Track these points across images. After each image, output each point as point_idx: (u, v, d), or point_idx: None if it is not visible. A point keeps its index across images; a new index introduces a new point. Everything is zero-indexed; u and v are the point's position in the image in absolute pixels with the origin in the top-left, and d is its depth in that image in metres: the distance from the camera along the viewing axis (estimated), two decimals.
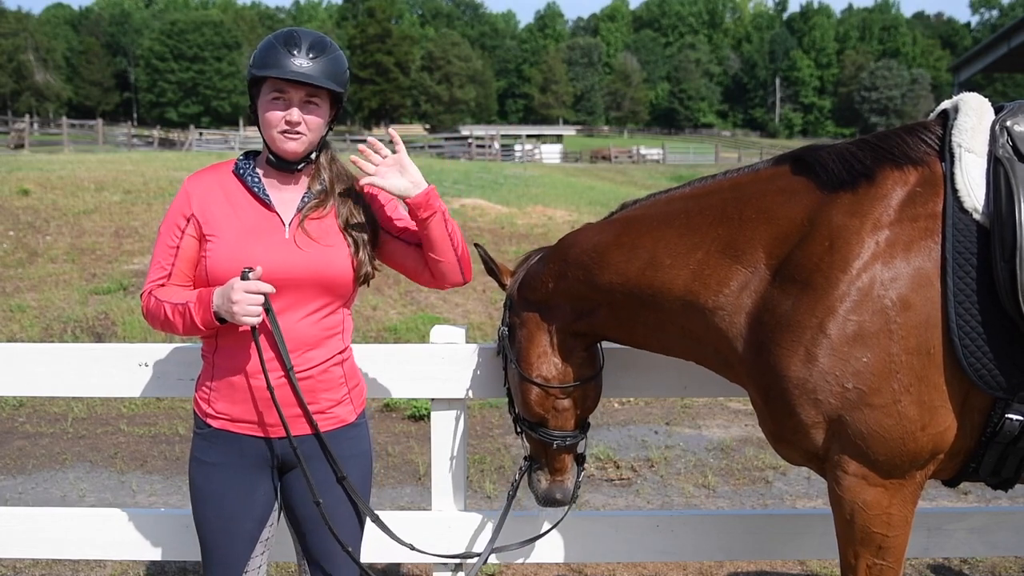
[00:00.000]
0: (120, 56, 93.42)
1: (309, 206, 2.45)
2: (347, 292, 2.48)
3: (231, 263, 2.35)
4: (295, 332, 2.40)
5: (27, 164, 19.87)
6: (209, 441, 2.47)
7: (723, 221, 2.44)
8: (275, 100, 2.37)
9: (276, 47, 2.35)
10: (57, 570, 4.08)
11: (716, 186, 2.56)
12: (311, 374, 2.44)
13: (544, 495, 2.82)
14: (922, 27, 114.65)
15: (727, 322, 2.41)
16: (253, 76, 2.38)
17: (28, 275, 10.45)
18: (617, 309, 2.61)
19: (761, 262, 2.37)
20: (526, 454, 2.93)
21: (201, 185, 2.46)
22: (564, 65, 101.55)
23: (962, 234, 2.19)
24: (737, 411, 6.72)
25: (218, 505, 2.46)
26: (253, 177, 2.46)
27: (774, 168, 2.51)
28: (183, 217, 2.42)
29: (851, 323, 2.20)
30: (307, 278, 2.39)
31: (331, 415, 2.50)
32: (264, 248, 2.37)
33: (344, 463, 2.50)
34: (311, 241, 2.41)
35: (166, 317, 2.39)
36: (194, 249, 2.42)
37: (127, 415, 6.59)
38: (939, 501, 4.96)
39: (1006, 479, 2.38)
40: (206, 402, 2.48)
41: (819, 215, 2.32)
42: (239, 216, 2.41)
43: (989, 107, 2.36)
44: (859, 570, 2.36)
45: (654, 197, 2.68)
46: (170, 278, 2.43)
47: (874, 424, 2.21)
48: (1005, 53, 26.14)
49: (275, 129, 2.37)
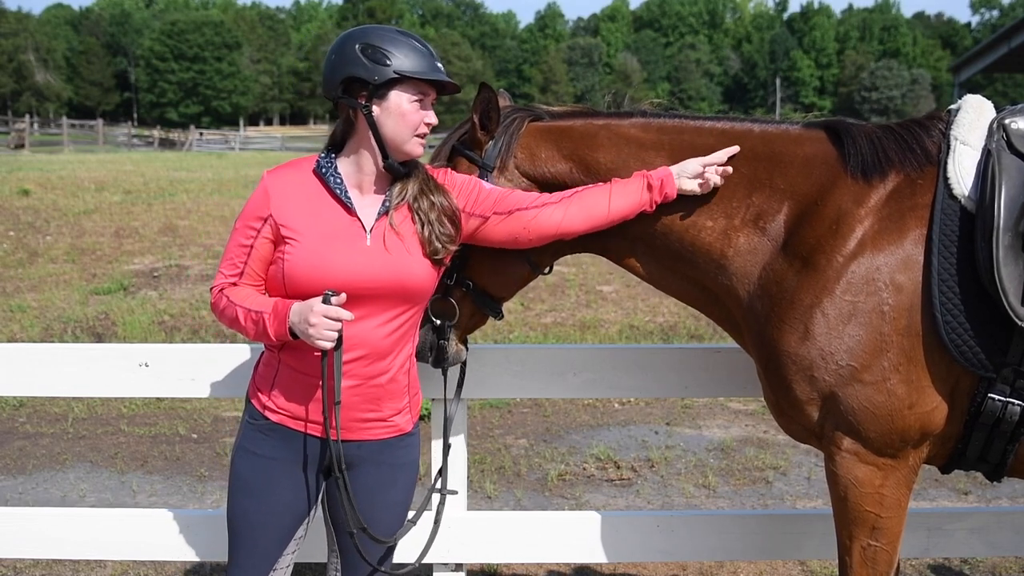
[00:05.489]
0: (120, 56, 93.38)
1: (394, 202, 2.38)
2: (426, 297, 2.45)
3: (310, 268, 2.30)
4: (370, 340, 2.35)
5: (27, 164, 19.88)
6: (264, 433, 2.44)
7: (756, 187, 2.52)
8: (417, 102, 2.32)
9: (420, 50, 2.31)
10: (57, 570, 4.08)
11: (746, 131, 2.59)
12: (380, 382, 2.40)
13: (455, 357, 2.73)
14: (922, 27, 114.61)
15: (745, 289, 2.51)
16: (393, 77, 2.27)
17: (28, 275, 10.45)
18: (654, 250, 2.63)
19: (780, 236, 2.48)
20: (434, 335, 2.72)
21: (281, 183, 2.37)
22: (564, 65, 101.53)
23: (949, 218, 2.33)
24: (737, 411, 6.71)
25: (261, 498, 2.43)
26: (335, 178, 2.38)
27: (803, 131, 2.58)
28: (259, 217, 2.35)
29: (846, 303, 2.33)
30: (387, 286, 2.33)
31: (391, 424, 2.47)
32: (344, 255, 2.31)
33: (394, 471, 2.49)
34: (395, 246, 2.35)
35: (237, 319, 2.34)
36: (268, 250, 2.36)
37: (127, 415, 6.59)
38: (939, 501, 4.96)
39: (994, 465, 2.45)
40: (266, 395, 2.44)
41: (830, 196, 2.44)
42: (320, 219, 2.33)
43: (990, 107, 2.49)
44: (854, 551, 2.44)
45: (682, 121, 2.65)
46: (242, 277, 2.38)
47: (864, 400, 2.33)
48: (1005, 53, 26.14)
49: (414, 131, 2.33)
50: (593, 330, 8.62)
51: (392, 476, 2.49)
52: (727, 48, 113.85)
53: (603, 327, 8.74)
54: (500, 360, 3.11)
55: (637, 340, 8.28)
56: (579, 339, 8.30)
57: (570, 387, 3.13)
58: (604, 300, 9.89)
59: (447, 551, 3.14)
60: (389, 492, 2.49)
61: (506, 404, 6.77)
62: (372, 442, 2.45)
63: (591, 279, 10.78)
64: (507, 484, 5.28)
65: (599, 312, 9.33)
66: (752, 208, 2.51)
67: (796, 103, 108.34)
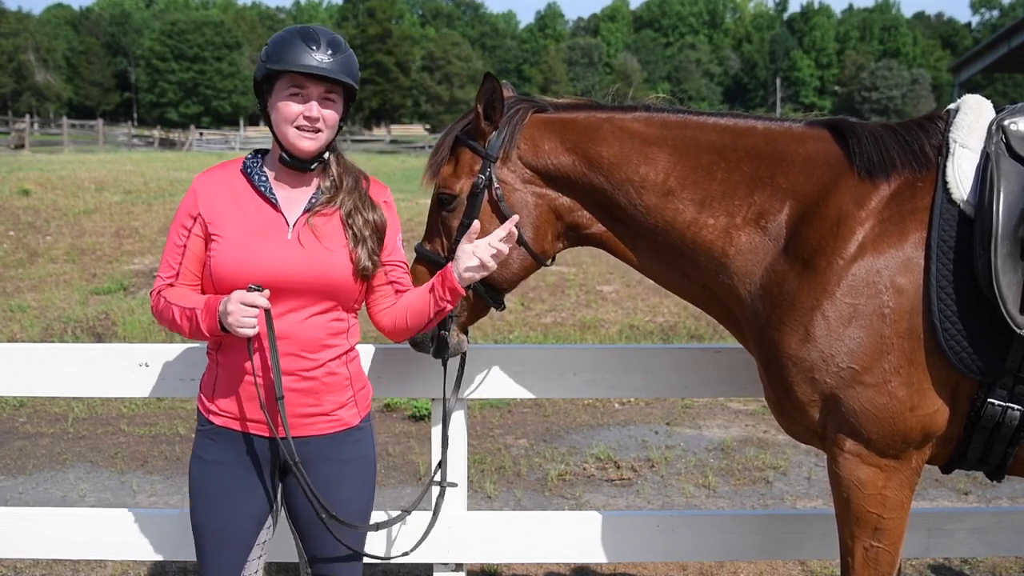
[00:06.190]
0: (120, 56, 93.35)
1: (319, 203, 2.43)
2: (350, 295, 2.46)
3: (234, 263, 2.35)
4: (300, 333, 2.39)
5: (27, 164, 19.88)
6: (211, 438, 2.46)
7: (758, 185, 2.50)
8: (293, 95, 2.35)
9: (295, 42, 2.33)
10: (57, 570, 4.08)
11: (749, 128, 2.58)
12: (316, 375, 2.43)
13: (456, 347, 2.74)
14: (922, 27, 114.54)
15: (746, 289, 2.50)
16: (269, 71, 2.34)
17: (28, 275, 10.45)
18: (656, 246, 2.63)
19: (782, 236, 2.47)
20: None
21: (209, 184, 2.45)
22: (564, 65, 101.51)
23: (947, 223, 2.31)
24: (737, 411, 6.71)
25: (218, 504, 2.44)
26: (261, 176, 2.45)
27: (806, 129, 2.57)
28: (190, 216, 2.42)
29: (847, 305, 2.32)
30: (309, 280, 2.37)
31: (335, 418, 2.48)
32: (268, 249, 2.36)
33: (343, 466, 2.49)
34: (314, 243, 2.39)
35: (174, 320, 2.39)
36: (201, 248, 2.42)
37: (127, 415, 6.59)
38: (939, 501, 4.96)
39: (995, 467, 2.45)
40: (209, 399, 2.47)
41: (831, 197, 2.42)
42: (245, 216, 2.40)
43: (989, 107, 2.46)
44: (856, 552, 2.44)
45: (686, 117, 2.63)
46: (178, 277, 2.43)
47: (866, 402, 2.32)
48: (1005, 53, 26.12)
49: (292, 125, 2.35)
50: (593, 330, 8.62)
51: (341, 472, 2.49)
52: (727, 48, 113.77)
53: (603, 327, 8.74)
54: (500, 360, 3.11)
55: (637, 340, 8.28)
56: (579, 339, 8.30)
57: (570, 387, 3.13)
58: (604, 300, 9.89)
59: (447, 551, 3.14)
60: (341, 489, 2.49)
61: (506, 404, 6.76)
62: (318, 438, 2.46)
63: (591, 279, 10.77)
64: (507, 484, 5.28)
65: (599, 312, 9.33)
66: (754, 207, 2.50)
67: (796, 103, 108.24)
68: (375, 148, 43.51)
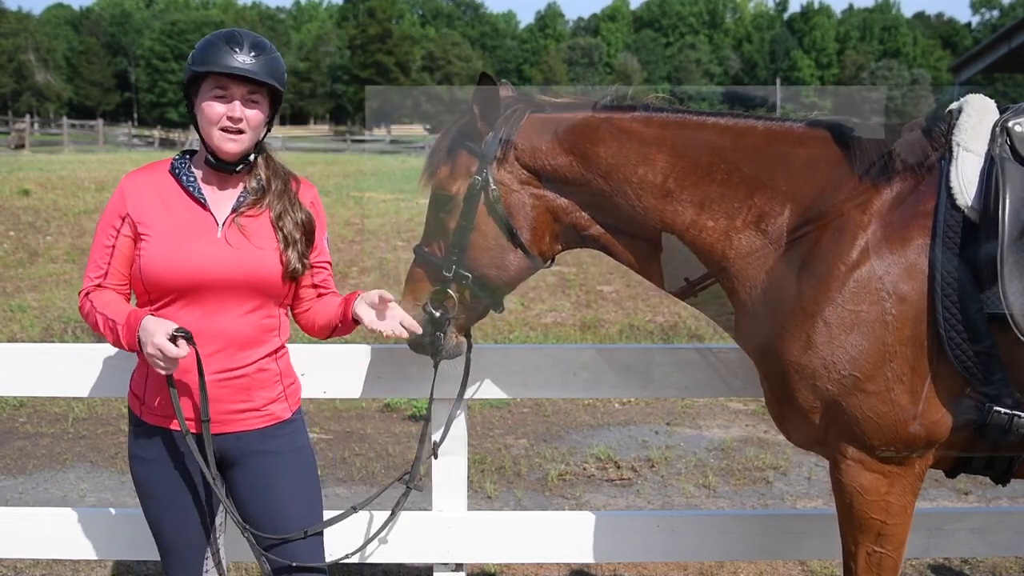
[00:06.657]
0: (120, 56, 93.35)
1: (245, 204, 2.46)
2: (279, 292, 2.49)
3: (163, 261, 2.37)
4: (230, 331, 2.42)
5: (27, 164, 19.89)
6: (146, 437, 2.50)
7: (758, 187, 2.46)
8: (217, 96, 2.37)
9: (218, 45, 2.36)
10: (57, 570, 4.08)
11: (749, 128, 2.54)
12: (246, 372, 2.45)
13: (454, 349, 2.74)
14: (922, 27, 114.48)
15: (746, 292, 2.47)
16: (193, 73, 2.38)
17: (29, 275, 10.45)
18: (655, 248, 2.61)
19: (782, 240, 2.43)
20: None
21: (136, 184, 2.48)
22: (564, 65, 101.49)
23: (952, 230, 2.27)
24: (737, 411, 6.71)
25: (166, 501, 2.49)
26: (189, 176, 2.48)
27: (807, 130, 2.53)
28: (118, 216, 2.44)
29: (849, 312, 2.28)
30: (237, 278, 2.40)
31: (267, 412, 2.51)
32: (197, 247, 2.39)
33: (279, 459, 2.51)
34: (243, 241, 2.42)
35: (98, 326, 2.41)
36: (130, 248, 2.44)
37: (127, 415, 6.59)
38: (939, 501, 4.96)
39: (1000, 472, 2.44)
40: (140, 398, 2.50)
41: (832, 201, 2.38)
42: (173, 215, 2.42)
43: (993, 107, 2.40)
44: (859, 557, 2.43)
45: (684, 116, 2.59)
46: (106, 277, 2.45)
47: (868, 410, 2.29)
48: (1005, 53, 26.08)
49: (215, 126, 2.38)
50: (593, 330, 8.61)
51: (275, 465, 2.51)
52: (727, 48, 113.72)
53: (603, 327, 8.73)
54: (500, 360, 3.11)
55: (637, 340, 8.28)
56: (579, 339, 8.29)
57: (570, 387, 3.13)
58: (604, 300, 9.89)
59: (447, 551, 3.14)
60: (278, 484, 2.51)
61: (506, 404, 6.76)
62: (249, 433, 2.49)
63: (591, 279, 10.77)
64: (507, 484, 5.28)
65: (599, 312, 9.33)
66: (754, 209, 2.46)
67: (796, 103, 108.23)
68: (375, 148, 43.46)
